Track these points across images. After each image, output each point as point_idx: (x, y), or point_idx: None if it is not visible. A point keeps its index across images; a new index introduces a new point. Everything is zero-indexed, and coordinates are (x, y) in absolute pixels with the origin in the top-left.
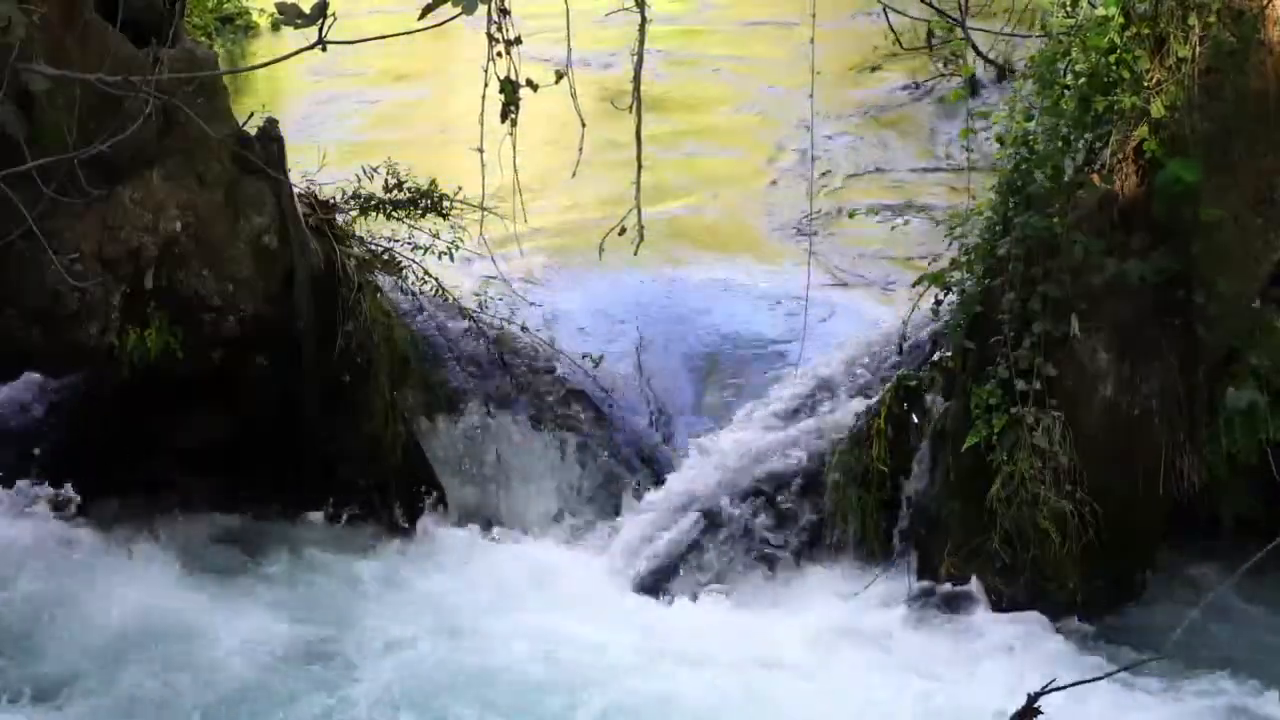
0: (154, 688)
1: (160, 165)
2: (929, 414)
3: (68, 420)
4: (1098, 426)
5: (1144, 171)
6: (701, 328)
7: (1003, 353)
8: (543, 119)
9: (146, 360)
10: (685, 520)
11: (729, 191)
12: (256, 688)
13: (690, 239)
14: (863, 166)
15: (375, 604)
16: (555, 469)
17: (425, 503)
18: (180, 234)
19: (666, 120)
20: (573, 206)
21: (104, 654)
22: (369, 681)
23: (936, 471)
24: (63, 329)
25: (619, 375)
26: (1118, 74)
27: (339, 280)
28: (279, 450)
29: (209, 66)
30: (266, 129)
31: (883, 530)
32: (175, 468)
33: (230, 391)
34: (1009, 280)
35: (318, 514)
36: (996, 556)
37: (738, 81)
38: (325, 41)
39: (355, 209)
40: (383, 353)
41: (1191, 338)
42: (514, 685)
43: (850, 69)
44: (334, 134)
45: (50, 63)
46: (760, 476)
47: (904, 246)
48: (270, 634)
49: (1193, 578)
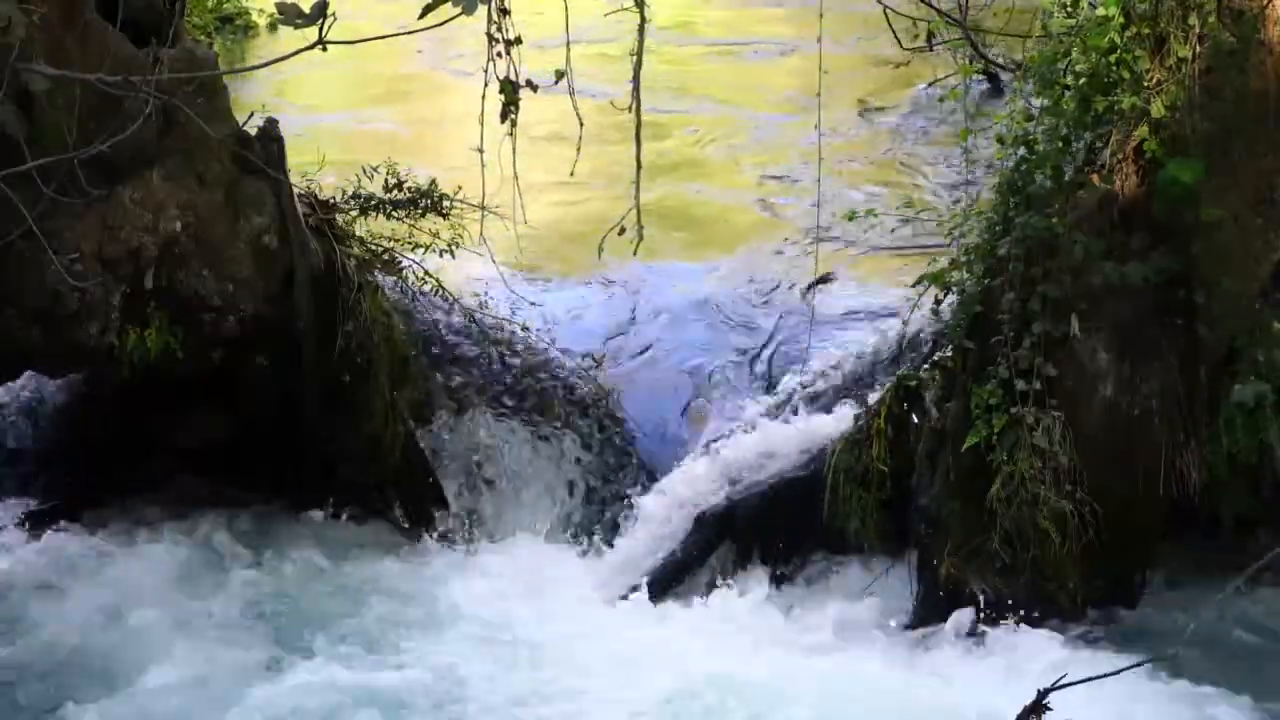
0: (152, 685)
1: (160, 165)
2: (929, 414)
3: (68, 420)
4: (1098, 426)
5: (1144, 171)
6: (702, 327)
7: (1003, 353)
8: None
9: (146, 360)
10: (685, 521)
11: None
12: (256, 687)
13: (691, 239)
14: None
15: (374, 604)
16: (555, 469)
17: (425, 503)
18: (180, 234)
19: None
20: (573, 205)
21: (103, 652)
22: (368, 681)
23: (936, 471)
24: (63, 329)
25: (619, 375)
26: (1118, 74)
27: (339, 280)
28: (279, 450)
29: (209, 66)
30: (266, 129)
31: (883, 530)
32: (175, 468)
33: (230, 391)
34: (1009, 280)
35: (318, 514)
36: (996, 556)
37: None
38: (325, 41)
39: (355, 209)
40: (383, 353)
41: (1192, 337)
42: (513, 686)
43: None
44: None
45: (50, 63)
46: (760, 477)
47: (905, 246)
48: (270, 633)
49: (1193, 578)
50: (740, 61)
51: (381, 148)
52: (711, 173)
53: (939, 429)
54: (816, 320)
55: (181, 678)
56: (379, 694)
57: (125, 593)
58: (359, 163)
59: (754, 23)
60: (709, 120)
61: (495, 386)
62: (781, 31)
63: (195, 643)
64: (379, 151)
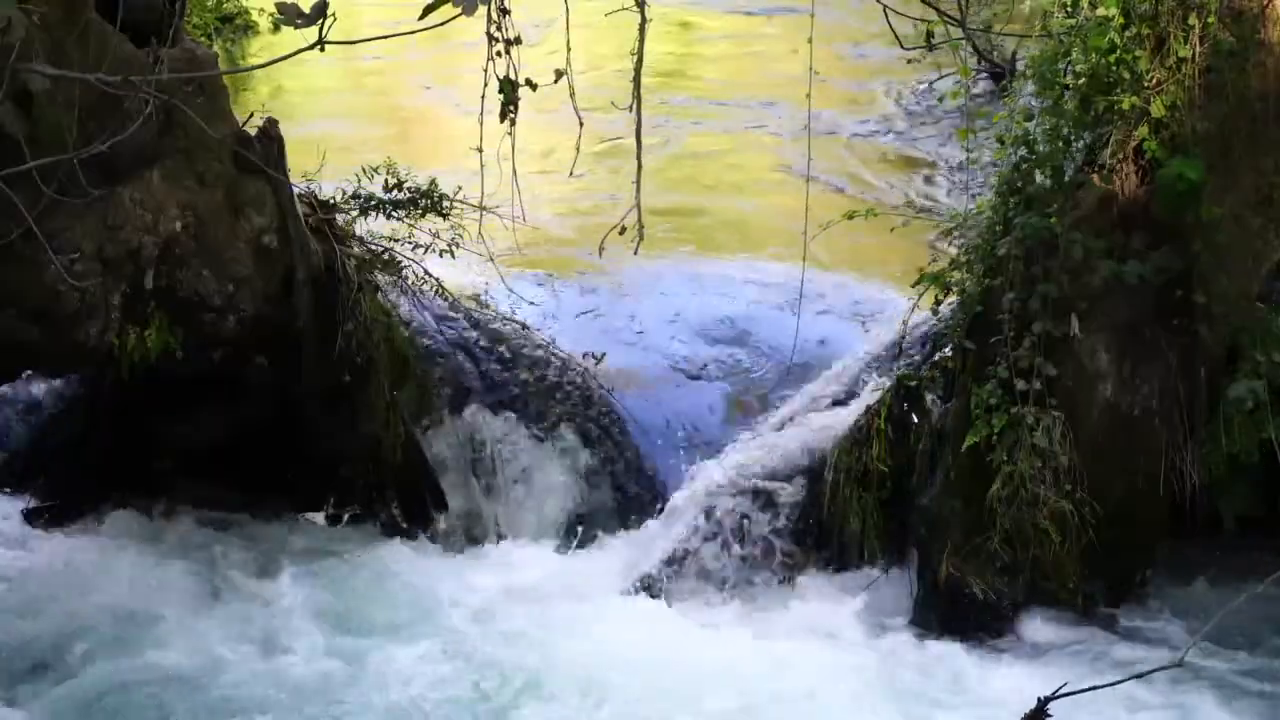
0: (152, 682)
1: (160, 165)
2: (929, 414)
3: (68, 420)
4: (1098, 426)
5: (1144, 171)
6: (702, 327)
7: (1003, 353)
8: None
9: (146, 360)
10: (686, 521)
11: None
12: (254, 685)
13: (691, 238)
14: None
15: (374, 604)
16: (555, 469)
17: (425, 503)
18: (180, 234)
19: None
20: (573, 205)
21: (103, 651)
22: (368, 681)
23: (936, 471)
24: (63, 329)
25: (619, 374)
26: (1118, 74)
27: (339, 280)
28: (279, 450)
29: (209, 66)
30: (266, 129)
31: (882, 530)
32: (175, 468)
33: (230, 391)
34: (1009, 280)
35: (318, 514)
36: (996, 556)
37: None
38: (325, 41)
39: (355, 209)
40: (383, 353)
41: (1192, 337)
42: (514, 686)
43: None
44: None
45: (50, 63)
46: (761, 477)
47: (906, 246)
48: (268, 633)
49: (1193, 578)
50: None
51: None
52: (711, 173)
53: (939, 429)
54: (816, 320)
55: (181, 677)
56: (379, 693)
57: (125, 592)
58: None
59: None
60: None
61: (495, 386)
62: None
63: (195, 642)
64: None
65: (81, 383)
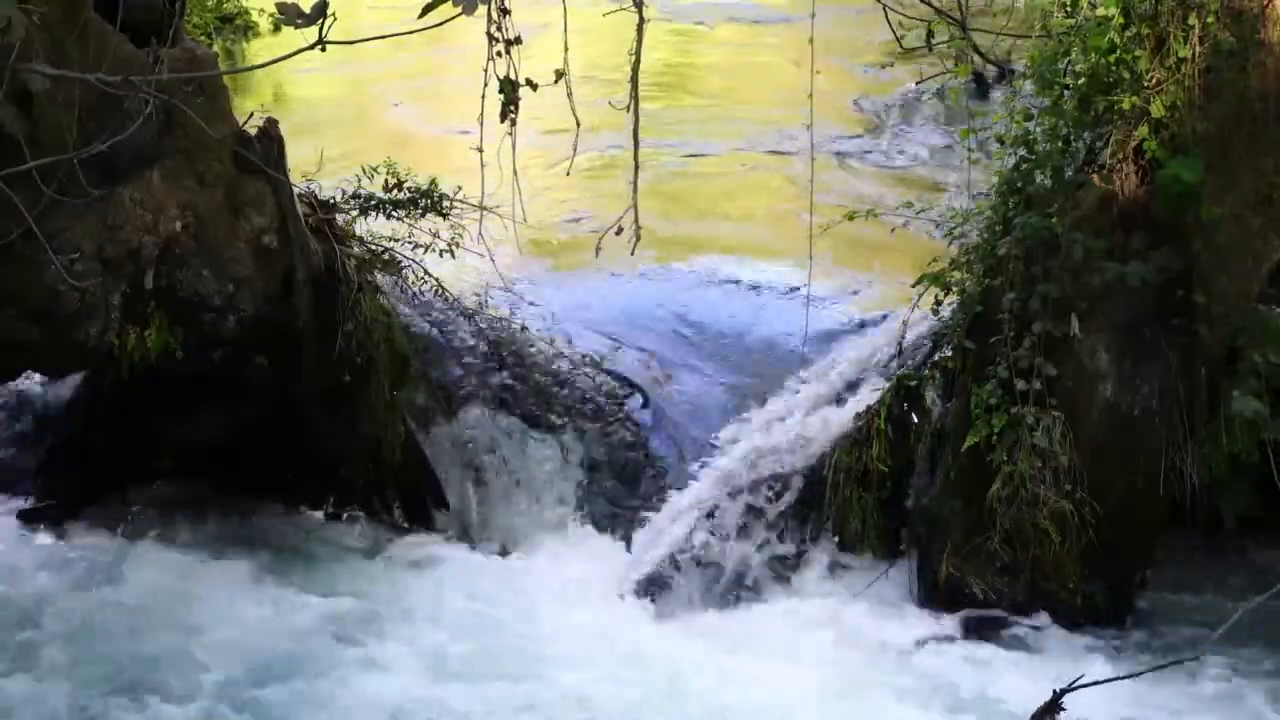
0: (151, 683)
1: (160, 165)
2: (929, 414)
3: (68, 420)
4: (1098, 426)
5: (1144, 171)
6: (702, 327)
7: (1003, 353)
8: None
9: (146, 360)
10: (687, 521)
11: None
12: (253, 685)
13: (692, 238)
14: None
15: (374, 604)
16: (554, 469)
17: (425, 503)
18: (180, 234)
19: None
20: (573, 205)
21: (102, 650)
22: (368, 680)
23: (936, 471)
24: (63, 329)
25: (619, 375)
26: (1118, 74)
27: (339, 280)
28: (279, 450)
29: (209, 66)
30: (266, 129)
31: (883, 530)
32: (175, 468)
33: (230, 391)
34: (1009, 280)
35: (317, 513)
36: (996, 556)
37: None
38: (325, 41)
39: (355, 209)
40: (383, 353)
41: (1192, 338)
42: (514, 686)
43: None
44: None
45: (50, 63)
46: (762, 477)
47: (906, 246)
48: (267, 632)
49: (1193, 578)
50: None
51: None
52: (712, 175)
53: (939, 429)
54: (817, 320)
55: (181, 676)
56: (379, 693)
57: (125, 592)
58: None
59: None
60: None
61: (495, 386)
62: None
63: (194, 642)
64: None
65: (81, 383)
